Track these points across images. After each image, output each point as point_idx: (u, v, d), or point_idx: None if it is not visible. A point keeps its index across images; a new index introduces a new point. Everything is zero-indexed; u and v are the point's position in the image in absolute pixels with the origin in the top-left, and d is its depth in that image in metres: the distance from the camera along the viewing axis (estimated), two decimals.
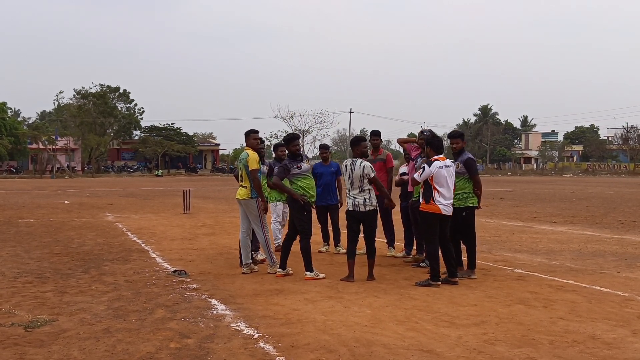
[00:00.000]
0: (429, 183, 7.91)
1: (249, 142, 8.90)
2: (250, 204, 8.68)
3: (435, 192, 7.87)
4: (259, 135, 9.03)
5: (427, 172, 7.89)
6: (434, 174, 7.86)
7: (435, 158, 7.99)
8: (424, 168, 7.95)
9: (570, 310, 6.65)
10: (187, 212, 19.09)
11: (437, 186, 7.88)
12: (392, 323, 6.04)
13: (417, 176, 8.05)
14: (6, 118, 67.66)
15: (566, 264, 9.73)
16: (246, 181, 8.66)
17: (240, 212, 8.94)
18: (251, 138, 8.89)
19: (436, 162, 7.92)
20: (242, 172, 8.73)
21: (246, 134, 8.93)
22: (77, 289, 7.73)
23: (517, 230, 14.52)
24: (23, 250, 10.97)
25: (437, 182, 7.88)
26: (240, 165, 8.77)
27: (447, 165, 8.00)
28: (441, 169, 7.89)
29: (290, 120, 65.99)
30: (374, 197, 8.23)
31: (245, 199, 8.69)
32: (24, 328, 5.89)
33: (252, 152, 8.74)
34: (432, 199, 7.88)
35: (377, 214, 8.37)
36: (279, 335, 5.59)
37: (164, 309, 6.64)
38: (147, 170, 72.91)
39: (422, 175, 7.94)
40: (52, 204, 22.73)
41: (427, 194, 7.94)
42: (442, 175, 7.89)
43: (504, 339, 5.54)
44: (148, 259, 10.03)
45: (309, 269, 8.31)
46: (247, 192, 8.66)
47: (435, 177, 7.88)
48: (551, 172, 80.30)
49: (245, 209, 8.76)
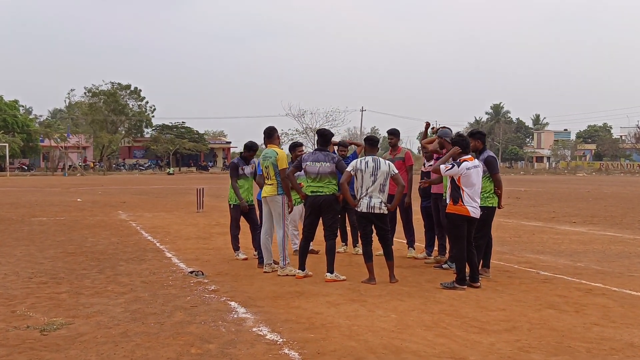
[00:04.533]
0: (456, 184, 7.66)
1: (274, 140, 8.73)
2: (276, 200, 8.49)
3: (463, 193, 7.62)
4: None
5: (455, 170, 7.63)
6: (462, 174, 7.61)
7: (464, 159, 7.74)
8: (453, 165, 7.69)
9: (603, 315, 6.40)
10: (200, 210, 18.93)
11: (465, 187, 7.62)
12: (420, 328, 5.81)
13: (444, 168, 7.76)
14: (18, 116, 67.82)
15: (592, 266, 9.47)
16: (272, 179, 8.47)
17: (264, 212, 8.73)
18: (277, 136, 8.81)
19: (465, 163, 7.66)
20: (268, 170, 8.53)
21: (271, 132, 8.74)
22: (93, 290, 7.55)
23: (537, 230, 14.24)
24: (37, 249, 10.82)
25: (465, 183, 7.62)
26: (266, 163, 8.55)
27: (475, 166, 7.75)
28: (470, 170, 7.64)
29: (301, 118, 65.68)
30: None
31: (271, 196, 8.51)
32: (39, 331, 5.71)
33: (281, 150, 8.56)
34: (460, 200, 7.63)
35: (394, 216, 8.18)
36: (303, 341, 5.38)
37: (182, 311, 6.44)
38: (158, 168, 72.97)
39: (450, 171, 7.66)
40: (64, 201, 22.63)
41: (455, 195, 7.69)
42: (471, 177, 7.64)
43: (539, 346, 5.31)
44: (164, 259, 9.84)
45: (331, 270, 8.10)
46: (273, 189, 8.48)
47: (463, 179, 7.62)
48: (564, 171, 79.59)
49: (271, 205, 8.56)
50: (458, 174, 7.62)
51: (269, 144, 8.71)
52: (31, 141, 66.86)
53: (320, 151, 8.39)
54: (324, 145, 8.52)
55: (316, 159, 8.30)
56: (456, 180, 7.65)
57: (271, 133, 8.75)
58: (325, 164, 8.23)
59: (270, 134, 8.74)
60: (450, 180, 7.75)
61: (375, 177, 7.94)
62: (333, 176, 8.26)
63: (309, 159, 8.39)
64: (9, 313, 6.41)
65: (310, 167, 8.30)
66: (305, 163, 8.38)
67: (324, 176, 8.22)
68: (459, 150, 7.80)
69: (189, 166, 76.15)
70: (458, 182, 7.63)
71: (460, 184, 7.63)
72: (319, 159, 8.28)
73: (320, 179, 8.23)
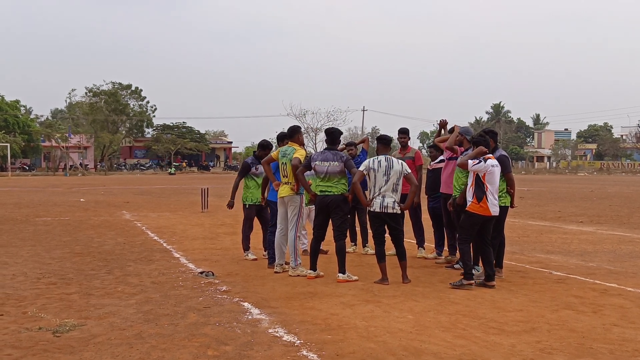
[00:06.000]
0: (481, 181, 7.60)
1: (296, 139, 8.61)
2: (294, 200, 8.41)
3: (487, 190, 7.57)
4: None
5: (482, 166, 7.57)
6: (487, 171, 7.55)
7: (488, 156, 7.68)
8: (480, 160, 7.61)
9: (622, 316, 6.32)
10: (205, 210, 18.85)
11: (489, 185, 7.58)
12: (438, 330, 5.73)
13: (471, 163, 7.64)
14: (19, 116, 67.73)
15: (604, 265, 9.39)
16: (291, 177, 8.37)
17: (280, 212, 8.62)
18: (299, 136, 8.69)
19: (490, 161, 7.62)
20: (286, 167, 8.42)
21: (294, 131, 8.65)
22: (103, 290, 7.47)
23: (544, 230, 14.16)
24: (43, 249, 10.73)
25: (490, 180, 7.59)
26: (284, 160, 8.44)
27: (496, 165, 7.72)
28: (494, 167, 7.61)
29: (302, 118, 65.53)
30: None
31: (289, 196, 8.42)
32: (52, 333, 5.63)
33: (300, 148, 8.47)
34: (485, 197, 7.56)
35: (403, 215, 8.10)
36: (321, 343, 5.30)
37: (195, 312, 6.36)
38: (159, 168, 72.89)
39: (477, 166, 7.58)
40: (67, 202, 22.54)
41: (479, 193, 7.61)
42: (494, 174, 7.61)
43: (561, 348, 5.23)
44: (172, 259, 9.76)
45: (342, 270, 8.02)
46: (291, 190, 8.37)
47: (488, 176, 7.58)
48: (565, 171, 79.51)
49: (288, 204, 8.46)
50: (484, 170, 7.57)
51: (290, 142, 8.62)
52: (32, 141, 66.76)
53: (328, 150, 8.31)
54: (332, 144, 8.43)
55: (325, 158, 8.22)
56: (481, 177, 7.60)
57: (294, 132, 8.66)
58: (334, 163, 8.14)
59: (293, 133, 8.64)
60: (475, 178, 7.67)
61: (388, 177, 7.85)
62: (342, 175, 8.17)
63: (317, 158, 8.31)
64: (20, 314, 6.32)
65: (319, 167, 8.22)
66: (314, 162, 8.31)
67: (333, 175, 8.14)
68: (485, 151, 7.75)
69: (190, 166, 76.01)
70: (483, 179, 7.59)
71: (485, 181, 7.57)
72: (328, 159, 8.19)
73: (329, 178, 8.15)
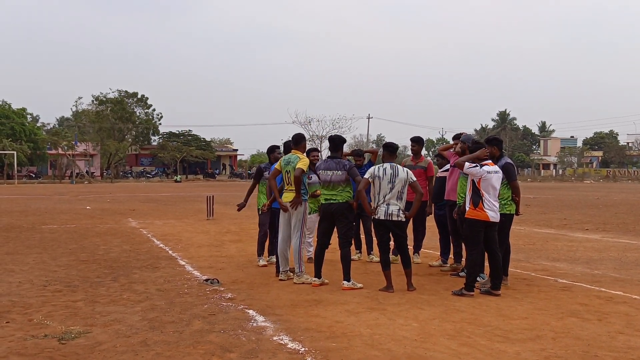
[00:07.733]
0: (476, 187, 7.61)
1: (300, 147, 8.63)
2: (298, 207, 8.41)
3: (484, 197, 7.58)
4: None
5: (477, 170, 7.59)
6: (482, 177, 7.56)
7: (485, 163, 7.69)
8: (476, 165, 7.63)
9: (627, 324, 6.30)
10: (210, 218, 18.89)
11: (485, 192, 7.58)
12: (443, 338, 5.72)
13: (468, 165, 7.66)
14: (26, 124, 68.08)
15: (610, 273, 9.36)
16: (293, 184, 8.39)
17: (283, 219, 8.64)
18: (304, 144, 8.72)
19: (486, 167, 7.63)
20: (289, 175, 8.45)
21: (299, 139, 8.68)
22: (108, 298, 7.50)
23: (550, 238, 14.13)
24: (49, 257, 10.77)
25: (485, 187, 7.59)
26: (288, 168, 8.46)
27: (496, 172, 7.70)
28: (491, 174, 7.60)
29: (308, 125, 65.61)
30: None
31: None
32: (58, 340, 5.65)
33: (304, 157, 8.49)
34: (481, 203, 7.58)
35: (407, 223, 8.12)
36: (325, 350, 5.30)
37: (201, 320, 6.37)
38: (165, 175, 73.05)
39: (472, 169, 7.61)
40: (74, 209, 22.62)
41: (475, 198, 7.64)
42: (491, 181, 7.60)
43: (565, 356, 5.22)
44: (177, 267, 9.78)
45: (347, 278, 8.02)
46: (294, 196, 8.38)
47: (483, 182, 7.58)
48: (571, 178, 79.30)
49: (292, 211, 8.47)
50: (479, 175, 7.58)
51: (294, 150, 8.64)
52: (38, 149, 67.09)
53: (331, 159, 8.32)
54: (335, 151, 8.44)
55: (328, 167, 8.24)
56: (476, 182, 7.62)
57: (299, 140, 8.69)
58: (337, 172, 8.15)
59: (298, 141, 8.67)
60: (471, 184, 7.69)
61: (393, 185, 7.86)
62: (347, 183, 8.18)
63: (321, 166, 8.34)
64: (26, 322, 6.35)
65: (323, 175, 8.25)
66: (318, 171, 8.34)
67: (337, 184, 8.15)
68: (487, 152, 7.76)
69: (196, 174, 76.17)
70: (478, 185, 7.60)
71: (480, 187, 7.58)
72: (331, 167, 8.21)
73: (333, 186, 8.16)
